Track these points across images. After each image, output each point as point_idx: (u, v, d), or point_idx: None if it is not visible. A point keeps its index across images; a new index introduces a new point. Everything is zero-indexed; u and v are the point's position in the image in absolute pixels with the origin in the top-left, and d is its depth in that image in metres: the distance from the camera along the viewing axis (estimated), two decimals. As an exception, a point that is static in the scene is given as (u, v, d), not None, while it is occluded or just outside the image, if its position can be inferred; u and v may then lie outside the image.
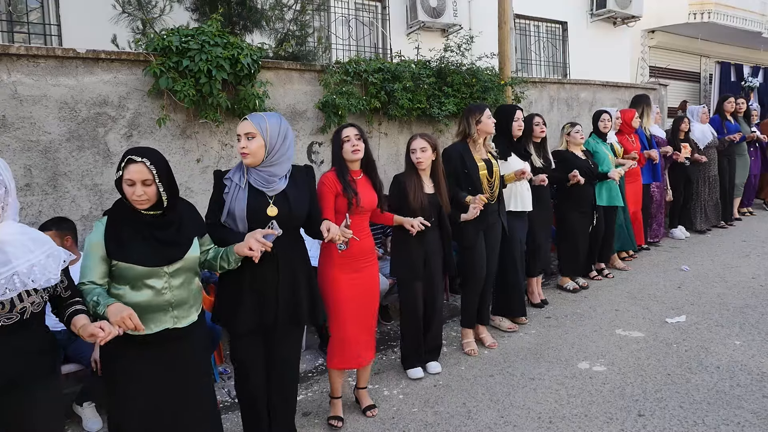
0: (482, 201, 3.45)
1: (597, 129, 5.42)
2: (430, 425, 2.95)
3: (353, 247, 2.82)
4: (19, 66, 3.57)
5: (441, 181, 3.39)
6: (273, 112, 2.59)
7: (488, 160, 3.74)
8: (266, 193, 2.44)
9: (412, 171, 3.35)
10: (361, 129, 2.94)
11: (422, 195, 3.29)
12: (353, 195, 2.85)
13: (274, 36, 5.08)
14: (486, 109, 3.71)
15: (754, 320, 4.13)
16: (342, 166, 2.92)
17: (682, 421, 2.84)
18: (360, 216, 2.93)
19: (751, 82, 12.39)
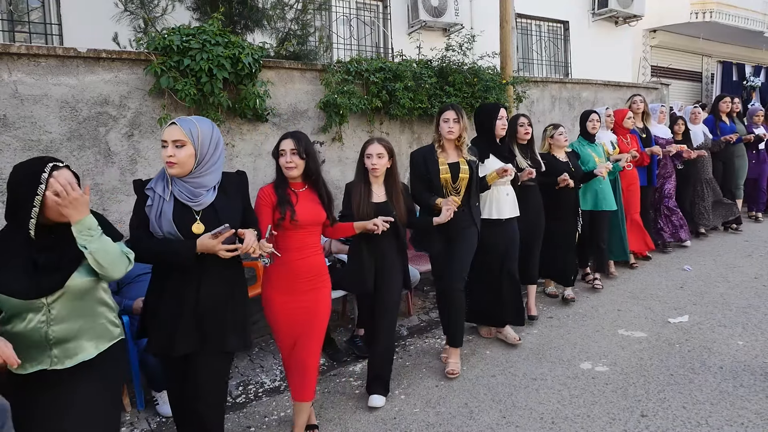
0: (455, 203, 3.24)
1: (584, 130, 5.06)
2: (431, 425, 2.94)
3: (293, 266, 2.65)
4: (20, 65, 3.56)
5: (396, 189, 3.17)
6: (203, 117, 2.31)
7: (456, 164, 3.44)
8: (192, 207, 2.19)
9: (362, 178, 3.15)
10: (302, 140, 2.66)
11: (368, 205, 3.07)
12: (287, 208, 2.61)
13: (275, 35, 5.08)
14: (445, 111, 3.46)
15: (757, 320, 4.11)
16: (281, 177, 2.71)
17: (685, 422, 2.83)
18: (304, 231, 2.68)
19: (753, 81, 12.37)
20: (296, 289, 2.68)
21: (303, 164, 2.66)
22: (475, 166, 3.50)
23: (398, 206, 3.15)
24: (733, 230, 7.05)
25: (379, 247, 3.15)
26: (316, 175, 2.74)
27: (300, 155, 2.64)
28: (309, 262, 2.71)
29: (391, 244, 3.20)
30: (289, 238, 2.66)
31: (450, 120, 3.40)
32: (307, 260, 2.70)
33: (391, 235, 3.13)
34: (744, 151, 7.22)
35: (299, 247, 2.68)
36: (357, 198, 3.09)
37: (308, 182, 2.75)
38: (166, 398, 3.14)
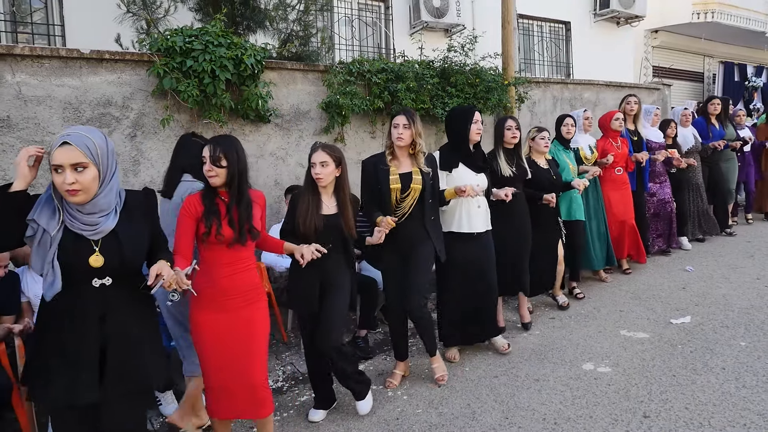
0: (389, 225, 2.97)
1: (559, 135, 4.86)
2: (434, 426, 2.95)
3: (223, 283, 2.41)
4: (24, 66, 3.58)
5: (346, 200, 2.95)
6: (90, 127, 1.95)
7: (409, 174, 3.20)
8: (88, 237, 1.88)
9: (310, 188, 2.90)
10: (221, 145, 2.40)
11: (317, 217, 2.83)
12: (212, 221, 2.36)
13: (277, 36, 5.09)
14: (396, 116, 3.21)
15: (760, 321, 4.11)
16: (208, 187, 2.46)
17: (687, 423, 2.83)
18: (234, 246, 2.44)
19: (754, 81, 12.36)
20: (228, 307, 2.44)
21: (224, 172, 2.40)
22: (430, 178, 3.25)
23: (348, 219, 2.93)
24: (727, 234, 6.90)
25: (324, 264, 2.84)
26: (235, 184, 2.44)
27: (216, 163, 2.38)
28: (241, 277, 2.47)
29: (338, 259, 2.97)
30: (217, 252, 2.42)
31: (400, 125, 3.16)
32: (238, 276, 2.46)
33: (339, 250, 2.95)
34: (733, 154, 6.99)
35: (229, 262, 2.44)
36: (304, 210, 2.83)
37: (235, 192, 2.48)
38: (170, 399, 3.19)
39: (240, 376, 2.46)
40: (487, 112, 5.86)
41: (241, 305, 2.47)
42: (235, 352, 2.45)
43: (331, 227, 2.88)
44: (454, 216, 3.54)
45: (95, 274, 1.91)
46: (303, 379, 3.60)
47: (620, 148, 5.27)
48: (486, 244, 3.64)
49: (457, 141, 3.55)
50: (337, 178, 2.94)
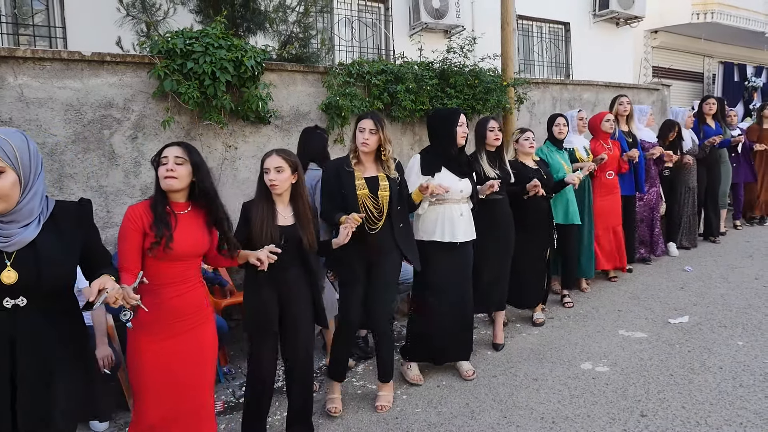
0: (355, 221, 2.75)
1: (551, 135, 4.73)
2: (433, 425, 2.97)
3: (170, 305, 2.19)
4: (26, 69, 3.60)
5: (304, 209, 2.72)
6: (11, 129, 1.79)
7: (375, 178, 3.02)
8: (1, 249, 1.68)
9: (263, 197, 2.67)
10: (192, 150, 2.25)
11: (273, 228, 2.60)
12: (163, 233, 2.13)
13: (277, 38, 5.12)
14: (362, 120, 3.03)
15: (757, 321, 4.13)
16: (160, 194, 2.22)
17: (684, 422, 2.85)
18: (183, 263, 2.24)
19: (754, 82, 12.38)
20: (173, 332, 2.21)
21: (188, 176, 2.21)
22: (397, 183, 3.07)
23: (307, 229, 2.70)
24: (711, 241, 6.72)
25: (282, 278, 2.66)
26: (207, 194, 2.25)
27: (184, 165, 2.19)
28: (189, 297, 2.26)
29: (298, 273, 2.74)
30: (164, 270, 2.19)
31: (366, 130, 2.98)
32: (187, 296, 2.25)
33: (298, 263, 2.72)
34: (726, 156, 6.87)
35: (178, 281, 2.22)
36: (259, 220, 2.60)
37: (195, 202, 2.28)
38: None
39: (184, 405, 2.25)
40: (486, 113, 5.87)
41: (190, 327, 2.26)
42: (181, 380, 2.23)
43: (288, 239, 2.63)
44: (436, 224, 3.33)
45: (6, 293, 1.70)
46: (303, 378, 3.62)
47: (611, 150, 5.11)
48: (467, 255, 3.46)
49: (441, 144, 3.39)
50: (294, 185, 2.70)
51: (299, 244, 2.68)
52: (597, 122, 5.20)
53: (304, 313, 2.77)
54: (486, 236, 3.65)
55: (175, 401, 2.23)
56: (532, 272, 4.21)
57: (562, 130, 4.69)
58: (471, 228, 3.44)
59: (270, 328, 2.69)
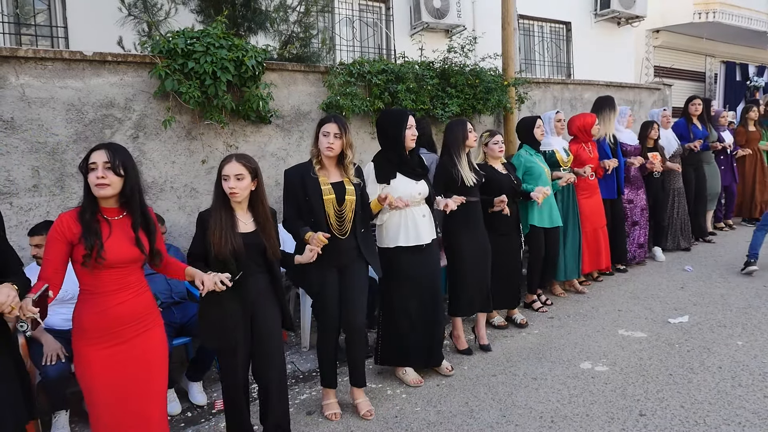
0: (320, 242, 2.70)
1: (532, 138, 4.58)
2: (432, 424, 2.98)
3: (113, 313, 2.14)
4: (27, 68, 3.62)
5: (265, 215, 2.63)
6: None
7: (340, 184, 2.97)
8: None
9: (221, 205, 2.55)
10: (119, 152, 2.15)
11: (234, 236, 2.49)
12: (94, 243, 2.05)
13: (278, 37, 5.13)
14: (325, 123, 2.95)
15: (757, 321, 4.14)
16: (89, 201, 2.13)
17: (683, 421, 2.85)
18: (123, 270, 2.16)
19: (756, 81, 12.37)
20: (121, 339, 2.16)
21: (119, 182, 2.12)
22: (360, 188, 3.04)
23: (269, 236, 2.62)
24: (706, 241, 6.68)
25: (246, 287, 2.57)
26: (136, 198, 2.20)
27: (115, 170, 2.09)
28: (133, 304, 2.20)
29: (262, 281, 2.66)
30: (101, 279, 2.12)
31: (330, 134, 2.90)
32: (130, 303, 2.19)
33: (262, 271, 2.65)
34: (712, 158, 6.77)
35: (117, 289, 2.15)
36: (218, 230, 2.48)
37: (126, 208, 2.20)
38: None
39: (136, 413, 2.21)
40: (487, 113, 5.89)
41: (136, 333, 2.21)
42: (131, 387, 2.19)
43: (250, 246, 2.55)
44: (400, 228, 3.29)
45: None
46: (303, 377, 3.64)
47: (592, 153, 5.08)
48: (433, 255, 3.44)
49: (391, 148, 3.29)
50: (254, 191, 2.61)
51: (263, 250, 2.61)
52: (587, 126, 5.06)
53: (273, 320, 2.70)
54: (467, 241, 3.72)
55: (128, 407, 2.19)
56: (506, 273, 4.17)
57: (543, 132, 4.65)
58: (432, 227, 3.43)
59: (237, 342, 2.57)
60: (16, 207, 3.56)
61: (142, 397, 2.23)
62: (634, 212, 5.70)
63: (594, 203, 5.14)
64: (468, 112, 5.64)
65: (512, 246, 4.25)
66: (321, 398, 3.24)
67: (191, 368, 3.40)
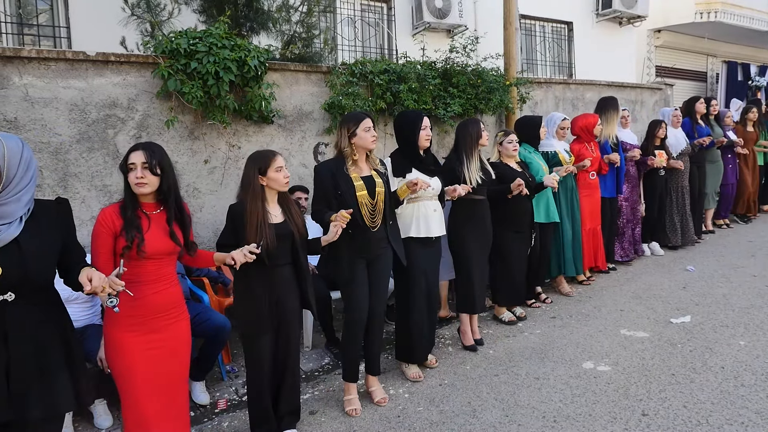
0: (344, 218, 2.77)
1: (536, 138, 4.74)
2: (435, 424, 2.98)
3: (147, 302, 2.28)
4: (31, 68, 3.63)
5: (291, 205, 2.84)
6: (10, 134, 1.94)
7: (370, 178, 3.10)
8: None
9: (258, 197, 2.68)
10: (156, 152, 2.28)
11: (268, 228, 2.64)
12: (135, 236, 2.20)
13: (280, 38, 5.13)
14: (365, 119, 3.07)
15: (759, 320, 4.14)
16: (130, 197, 2.28)
17: (685, 421, 2.86)
18: (158, 262, 2.31)
19: (758, 81, 12.35)
20: (153, 328, 2.31)
21: (156, 181, 2.27)
22: (386, 179, 3.20)
23: (297, 224, 2.78)
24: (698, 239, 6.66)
25: (274, 277, 2.72)
26: (172, 195, 2.33)
27: (152, 170, 2.24)
28: (165, 295, 2.34)
29: (289, 271, 2.80)
30: (140, 269, 2.27)
31: (371, 129, 3.08)
32: (163, 293, 2.33)
33: (290, 261, 2.78)
34: (719, 156, 6.85)
35: (154, 279, 2.30)
36: (255, 221, 2.62)
37: (163, 203, 2.34)
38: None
39: (168, 398, 2.36)
40: (488, 113, 5.90)
41: (167, 323, 2.35)
42: (163, 373, 2.33)
43: (282, 238, 2.70)
44: (412, 220, 3.43)
45: None
46: (305, 377, 3.65)
47: (594, 152, 5.18)
48: (439, 249, 3.60)
49: (406, 146, 3.45)
50: None
51: (292, 241, 2.75)
52: (590, 126, 5.15)
53: (294, 312, 2.83)
54: (473, 237, 3.82)
55: (165, 393, 2.34)
56: (518, 271, 4.35)
57: (545, 132, 4.83)
58: (442, 224, 3.56)
59: (266, 326, 2.73)
60: (19, 207, 3.57)
61: (173, 385, 2.38)
62: (629, 210, 5.80)
63: (590, 203, 5.23)
64: (470, 112, 5.63)
65: (524, 243, 4.38)
66: (325, 397, 3.25)
67: (194, 368, 3.39)
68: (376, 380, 3.30)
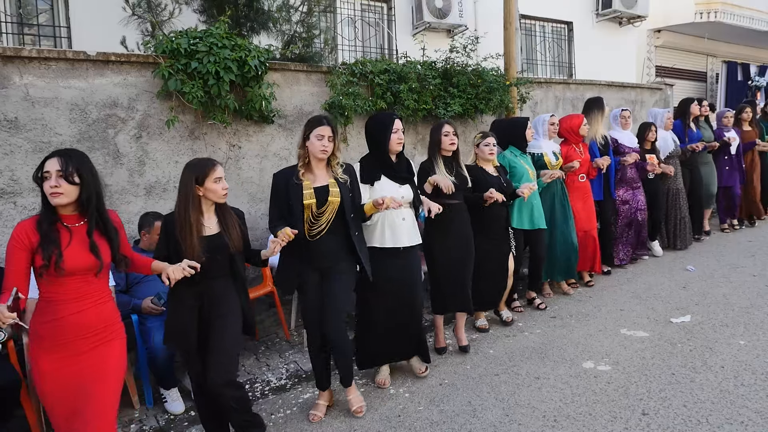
0: (286, 236, 2.61)
1: (522, 140, 4.52)
2: (435, 423, 2.99)
3: (68, 322, 2.08)
4: (31, 68, 3.63)
5: (229, 216, 2.64)
6: None
7: (324, 188, 2.92)
8: None
9: (193, 207, 2.52)
10: (73, 159, 2.08)
11: (200, 239, 2.49)
12: (52, 252, 2.01)
13: (281, 38, 5.14)
14: (319, 126, 2.90)
15: (759, 320, 4.14)
16: (46, 209, 2.09)
17: (686, 420, 2.86)
18: (80, 279, 2.10)
19: (757, 81, 12.36)
20: (76, 351, 2.10)
21: (74, 190, 2.07)
22: (348, 189, 3.00)
23: (234, 237, 2.60)
24: (696, 239, 6.59)
25: (208, 291, 2.58)
26: (93, 205, 2.13)
27: (68, 179, 2.04)
28: (90, 315, 2.13)
29: (226, 284, 2.64)
30: (61, 287, 2.08)
31: (325, 137, 2.88)
32: (88, 313, 2.12)
33: (226, 273, 2.64)
34: (710, 158, 6.66)
35: (76, 298, 2.10)
36: (189, 232, 2.47)
37: (85, 215, 2.14)
38: (175, 396, 3.25)
39: (88, 425, 2.09)
40: (489, 113, 5.90)
41: (93, 346, 2.14)
42: (81, 400, 2.10)
43: (214, 249, 2.54)
44: (376, 229, 3.26)
45: None
46: (306, 377, 3.65)
47: (583, 154, 5.01)
48: (411, 260, 3.36)
49: (377, 151, 3.28)
50: None
51: (227, 252, 2.60)
52: (575, 127, 5.00)
53: (233, 325, 2.62)
54: (443, 239, 3.65)
55: (79, 420, 2.09)
56: (489, 277, 4.11)
57: (533, 134, 4.63)
58: (415, 232, 3.36)
59: (188, 345, 2.56)
60: (20, 206, 3.58)
61: (98, 416, 2.11)
62: (629, 213, 5.59)
63: (583, 206, 5.06)
64: (470, 112, 5.65)
65: (498, 250, 4.14)
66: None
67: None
68: (352, 389, 3.17)
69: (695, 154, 6.37)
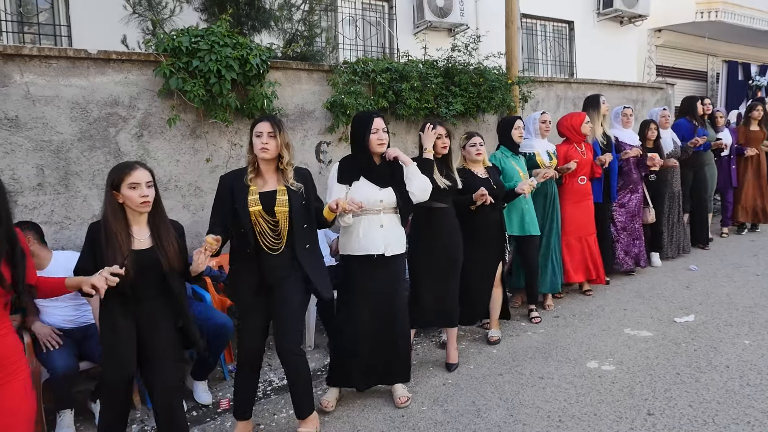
0: (209, 246, 2.41)
1: (509, 139, 4.32)
2: (439, 423, 2.97)
3: None
4: (32, 66, 3.61)
5: (165, 228, 2.43)
6: None
7: (272, 193, 2.68)
8: None
9: (119, 216, 2.34)
10: None
11: (124, 253, 2.27)
12: None
13: (282, 36, 5.12)
14: (258, 122, 2.68)
15: (764, 319, 4.12)
16: None
17: (692, 420, 2.84)
18: None
19: (758, 81, 12.34)
20: None
21: None
22: (301, 197, 2.72)
23: (169, 253, 2.38)
24: (701, 247, 6.37)
25: (141, 311, 2.38)
26: (9, 232, 1.87)
27: None
28: None
29: (158, 303, 2.44)
30: None
31: (264, 134, 2.63)
32: None
33: (158, 292, 2.43)
34: (711, 158, 6.47)
35: None
36: (116, 245, 2.27)
37: None
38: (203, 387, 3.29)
39: None
40: (491, 112, 5.88)
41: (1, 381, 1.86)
42: None
43: (147, 265, 2.34)
44: (352, 236, 3.04)
45: None
46: (309, 376, 3.62)
47: (585, 154, 4.74)
48: (392, 269, 3.10)
49: (358, 151, 3.09)
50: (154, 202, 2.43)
51: (158, 269, 2.38)
52: (577, 125, 4.77)
53: (166, 350, 2.43)
54: (429, 246, 3.45)
55: None
56: (481, 287, 3.90)
57: (521, 134, 4.37)
58: (396, 239, 3.09)
59: (125, 372, 2.36)
60: (21, 206, 3.55)
61: None
62: (624, 217, 5.36)
63: (582, 210, 4.80)
64: (472, 111, 5.62)
65: (490, 258, 3.89)
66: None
67: (196, 368, 3.39)
68: (304, 422, 2.81)
69: (699, 154, 6.15)
